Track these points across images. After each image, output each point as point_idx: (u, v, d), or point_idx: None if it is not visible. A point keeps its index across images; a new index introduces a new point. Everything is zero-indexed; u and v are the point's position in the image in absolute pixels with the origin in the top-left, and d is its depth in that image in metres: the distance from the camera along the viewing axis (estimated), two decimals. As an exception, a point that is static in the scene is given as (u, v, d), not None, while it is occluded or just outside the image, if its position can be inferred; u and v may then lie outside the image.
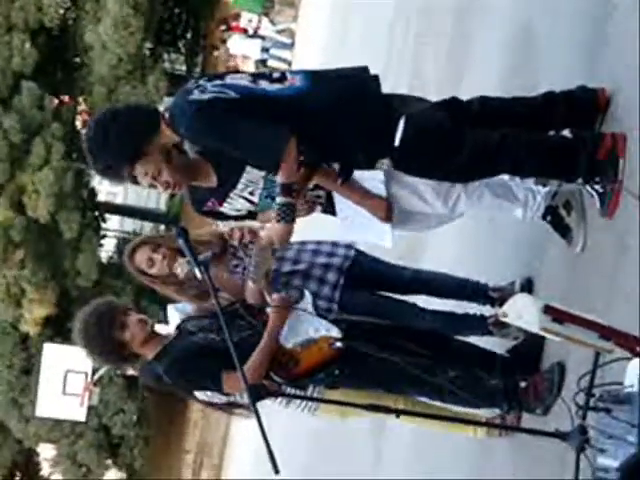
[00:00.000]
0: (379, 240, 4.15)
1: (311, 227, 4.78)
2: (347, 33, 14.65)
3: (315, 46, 18.07)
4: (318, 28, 18.38)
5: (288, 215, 3.53)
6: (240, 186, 3.93)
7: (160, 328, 4.22)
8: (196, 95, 3.51)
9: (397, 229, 4.16)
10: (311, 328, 3.96)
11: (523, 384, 4.07)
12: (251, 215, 4.02)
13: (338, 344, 3.93)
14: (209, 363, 3.93)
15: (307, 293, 4.05)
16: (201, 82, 3.58)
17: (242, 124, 3.47)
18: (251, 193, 3.95)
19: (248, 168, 3.88)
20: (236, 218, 4.12)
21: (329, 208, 4.16)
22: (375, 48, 11.34)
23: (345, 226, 4.19)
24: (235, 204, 3.98)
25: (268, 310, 4.03)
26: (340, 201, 4.07)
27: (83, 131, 22.68)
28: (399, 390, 4.25)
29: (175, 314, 4.57)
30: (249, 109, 3.48)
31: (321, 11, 18.39)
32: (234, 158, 3.76)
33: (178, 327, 4.19)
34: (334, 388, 4.31)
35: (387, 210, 3.99)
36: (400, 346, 4.04)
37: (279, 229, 3.55)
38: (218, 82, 3.56)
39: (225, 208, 4.00)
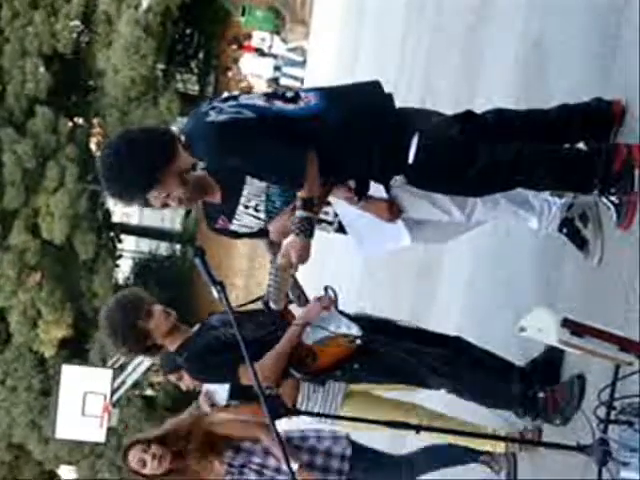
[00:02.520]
0: (397, 244, 4.13)
1: (324, 248, 4.76)
2: (359, 49, 14.68)
3: (327, 63, 18.12)
4: (329, 45, 18.44)
5: (307, 229, 3.50)
6: (243, 200, 3.93)
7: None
8: (213, 116, 3.50)
9: (416, 240, 4.15)
10: (332, 325, 3.98)
11: (542, 395, 4.06)
12: (263, 233, 4.01)
13: (357, 341, 3.94)
14: (228, 357, 3.92)
15: (330, 291, 4.06)
16: (215, 104, 3.57)
17: (262, 143, 3.47)
18: (256, 209, 3.94)
19: (248, 180, 3.86)
20: (249, 236, 4.11)
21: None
22: (387, 64, 11.36)
23: (355, 237, 4.16)
24: (243, 221, 3.97)
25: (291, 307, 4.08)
26: (340, 205, 4.06)
27: (97, 153, 22.83)
28: (418, 381, 4.23)
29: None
30: (267, 128, 3.48)
31: (332, 28, 18.44)
32: (234, 174, 3.76)
33: (201, 321, 4.24)
34: (355, 382, 4.32)
35: (390, 209, 3.96)
36: (419, 350, 4.04)
37: (297, 243, 3.52)
38: (234, 102, 3.56)
39: (235, 226, 4.00)
